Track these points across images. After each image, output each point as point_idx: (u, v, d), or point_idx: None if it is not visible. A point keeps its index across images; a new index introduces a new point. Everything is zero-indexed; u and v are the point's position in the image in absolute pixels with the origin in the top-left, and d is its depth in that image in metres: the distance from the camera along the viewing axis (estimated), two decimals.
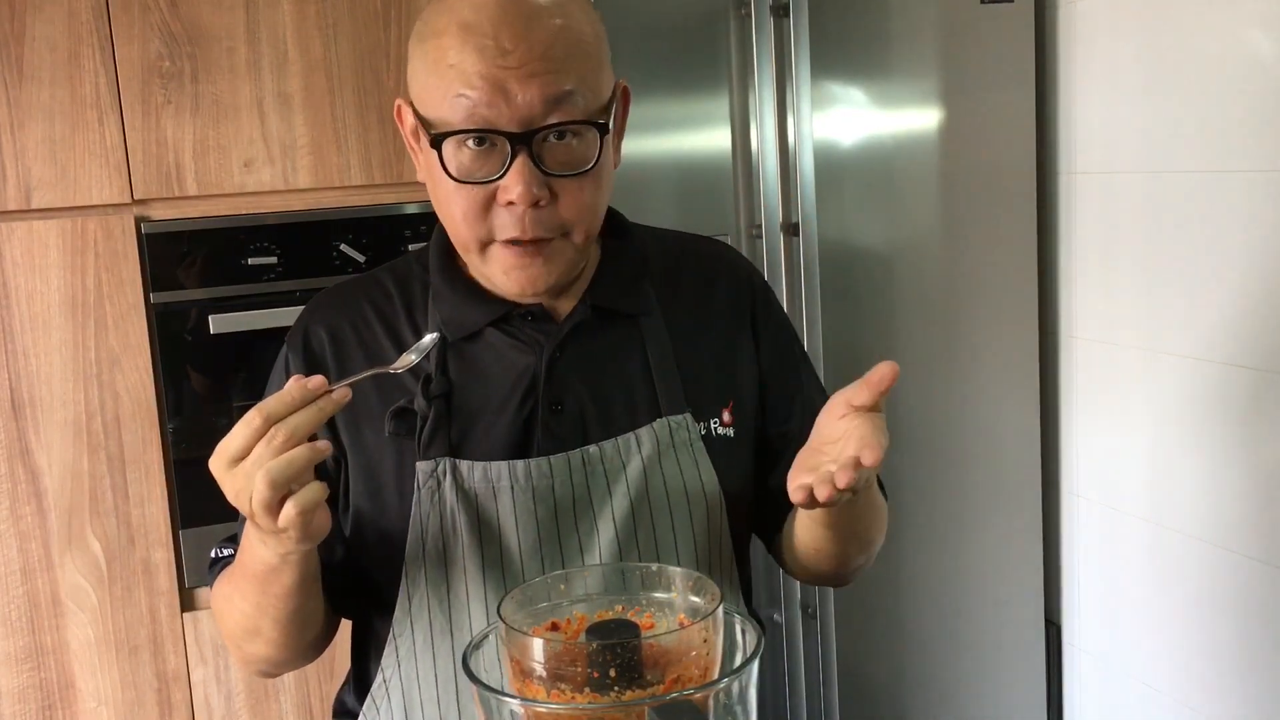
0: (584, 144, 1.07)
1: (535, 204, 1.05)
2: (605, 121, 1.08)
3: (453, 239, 1.13)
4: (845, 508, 1.08)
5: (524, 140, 1.04)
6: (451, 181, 1.06)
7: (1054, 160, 2.42)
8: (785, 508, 1.21)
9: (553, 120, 1.04)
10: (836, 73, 2.22)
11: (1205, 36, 2.04)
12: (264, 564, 1.04)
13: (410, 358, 1.05)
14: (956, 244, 2.34)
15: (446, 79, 1.04)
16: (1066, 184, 2.40)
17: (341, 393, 0.97)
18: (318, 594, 1.12)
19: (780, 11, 2.13)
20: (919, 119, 2.29)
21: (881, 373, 0.99)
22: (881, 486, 1.28)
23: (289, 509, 0.95)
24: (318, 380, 0.96)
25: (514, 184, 1.04)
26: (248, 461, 0.94)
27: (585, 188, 1.08)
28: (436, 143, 1.05)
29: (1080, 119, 2.35)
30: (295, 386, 0.95)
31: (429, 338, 1.06)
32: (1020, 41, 2.33)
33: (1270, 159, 1.94)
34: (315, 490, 0.96)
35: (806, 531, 1.16)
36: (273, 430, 0.94)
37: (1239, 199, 2.00)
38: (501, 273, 1.10)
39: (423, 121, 1.08)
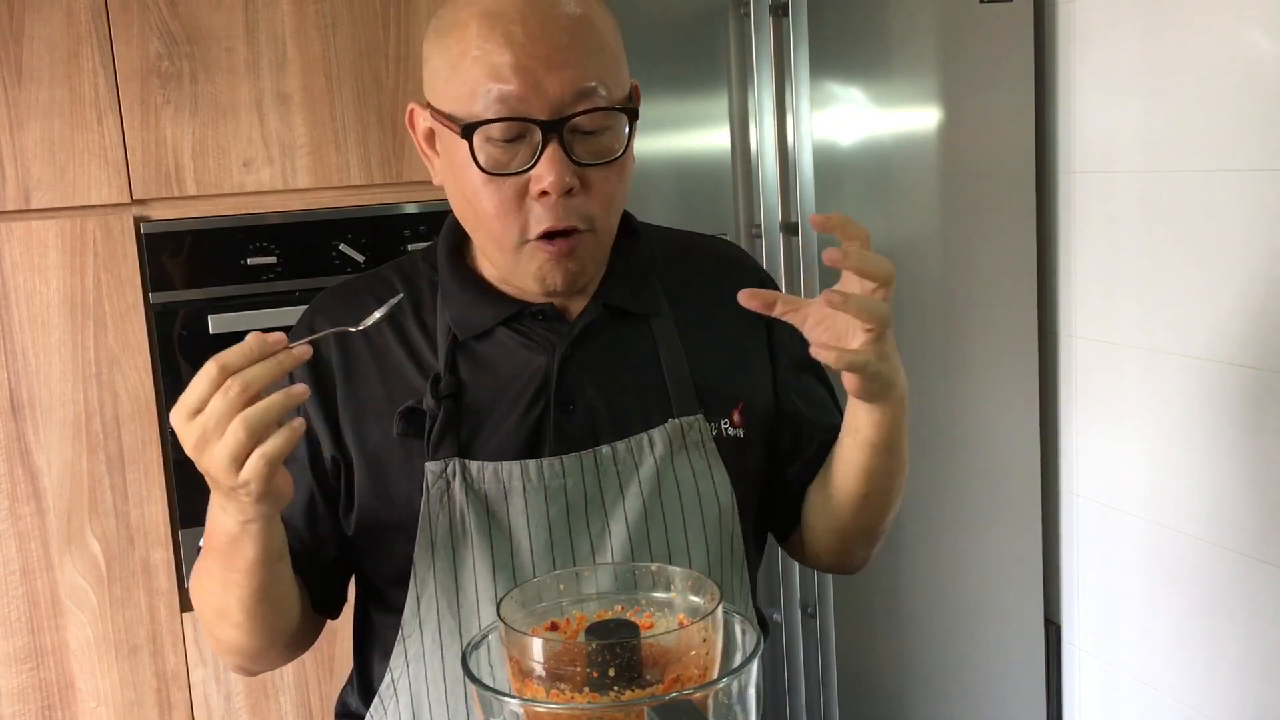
0: (611, 134, 1.07)
1: (567, 193, 1.05)
2: (634, 108, 1.08)
3: (485, 239, 1.12)
4: (896, 423, 1.09)
5: (555, 128, 1.03)
6: (481, 176, 1.05)
7: (1054, 160, 2.42)
8: (801, 499, 1.23)
9: (582, 108, 1.04)
10: (836, 72, 2.22)
11: (1205, 36, 2.04)
12: (226, 534, 1.02)
13: (376, 316, 1.04)
14: (956, 244, 2.34)
15: (474, 71, 1.03)
16: (1066, 184, 2.40)
17: (302, 349, 0.96)
18: (286, 577, 1.10)
19: (779, 11, 2.13)
20: (918, 119, 2.29)
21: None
22: None
23: (255, 459, 0.93)
24: (277, 336, 0.96)
25: (547, 172, 1.04)
26: (205, 414, 0.93)
27: (611, 178, 1.08)
28: (468, 133, 1.04)
29: (1080, 118, 2.35)
30: (254, 339, 0.95)
31: (394, 299, 1.05)
32: (1019, 41, 2.33)
33: (1270, 159, 1.94)
34: (283, 437, 0.94)
35: (845, 465, 1.15)
36: (229, 382, 0.93)
37: (1239, 199, 2.00)
38: (535, 269, 1.09)
39: (447, 118, 1.07)
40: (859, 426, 1.12)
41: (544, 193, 1.05)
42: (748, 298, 1.02)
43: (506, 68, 1.02)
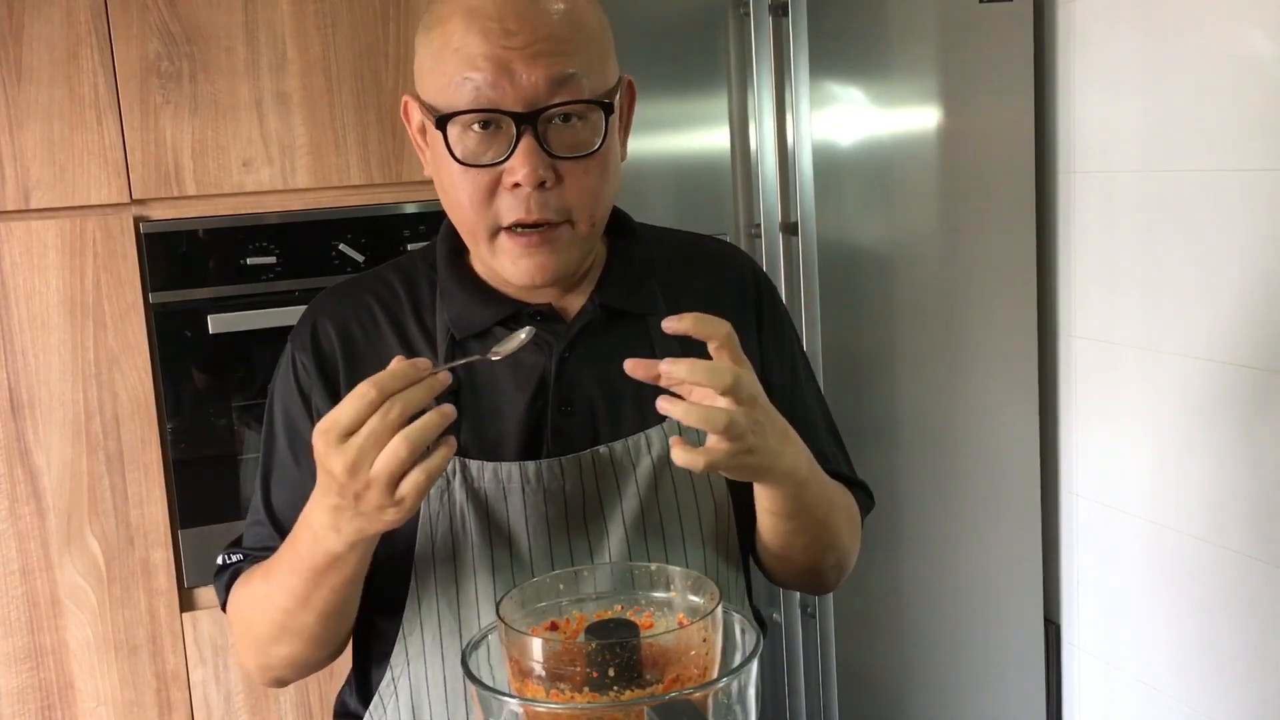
0: (589, 127, 1.07)
1: (540, 185, 1.05)
2: (610, 102, 1.08)
3: (460, 229, 1.13)
4: (792, 495, 1.09)
5: (529, 120, 1.03)
6: (458, 167, 1.06)
7: (1053, 160, 2.42)
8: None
9: (558, 100, 1.04)
10: (835, 72, 2.22)
11: (1205, 36, 2.04)
12: (328, 554, 1.02)
13: (512, 344, 1.03)
14: (956, 244, 2.34)
15: (452, 63, 1.04)
16: (1066, 184, 2.40)
17: (445, 376, 0.96)
18: (361, 586, 1.11)
19: (779, 11, 2.13)
20: (918, 118, 2.29)
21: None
22: (854, 484, 1.28)
23: (417, 475, 0.94)
24: (424, 361, 0.96)
25: (519, 165, 1.04)
26: (361, 434, 0.94)
27: (591, 171, 1.07)
28: (441, 124, 1.05)
29: (1080, 119, 2.35)
30: (405, 365, 0.95)
31: (525, 330, 1.04)
32: (1019, 41, 2.33)
33: (1270, 159, 1.94)
34: (443, 454, 0.96)
35: (763, 527, 1.15)
36: (388, 404, 0.93)
37: (1239, 199, 2.00)
38: (509, 262, 1.09)
39: (429, 110, 1.08)
40: (758, 495, 1.12)
41: (517, 184, 1.05)
42: (633, 367, 0.99)
43: (481, 58, 1.03)
